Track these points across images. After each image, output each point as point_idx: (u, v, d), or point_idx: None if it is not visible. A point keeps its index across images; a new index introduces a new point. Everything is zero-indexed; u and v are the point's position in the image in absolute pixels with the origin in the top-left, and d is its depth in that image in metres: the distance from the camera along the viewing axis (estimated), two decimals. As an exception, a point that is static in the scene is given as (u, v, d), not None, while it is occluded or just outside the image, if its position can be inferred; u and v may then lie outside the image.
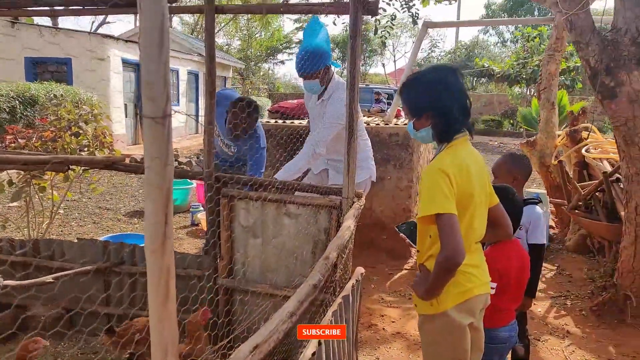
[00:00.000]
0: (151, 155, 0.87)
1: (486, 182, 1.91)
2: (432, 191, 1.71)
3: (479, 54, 30.32)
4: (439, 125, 1.83)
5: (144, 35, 0.86)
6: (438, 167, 1.75)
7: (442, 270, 1.66)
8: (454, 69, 1.89)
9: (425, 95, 1.85)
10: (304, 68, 3.28)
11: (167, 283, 0.90)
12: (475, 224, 1.82)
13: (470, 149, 1.88)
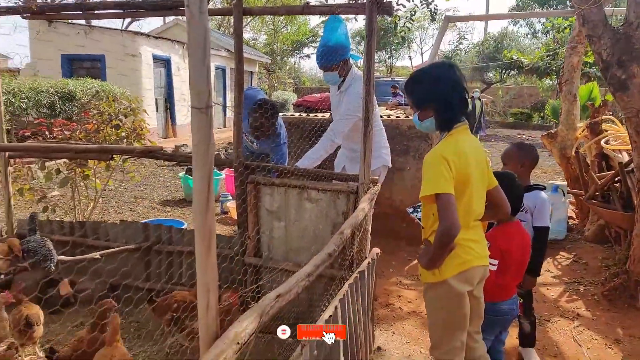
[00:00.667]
0: (198, 138, 1.13)
1: (484, 167, 2.12)
2: (433, 174, 1.95)
3: (508, 45, 29.87)
4: (439, 116, 2.07)
5: (191, 43, 1.11)
6: (439, 153, 1.98)
7: (441, 241, 1.89)
8: (453, 65, 2.13)
9: (427, 90, 2.10)
10: (324, 61, 3.56)
11: (209, 237, 1.16)
12: (473, 204, 2.04)
13: (469, 137, 2.11)
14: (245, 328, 1.27)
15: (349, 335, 2.42)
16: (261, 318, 1.35)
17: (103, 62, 13.70)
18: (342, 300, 2.29)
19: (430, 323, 2.24)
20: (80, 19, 3.49)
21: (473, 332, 2.25)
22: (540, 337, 3.35)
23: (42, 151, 3.18)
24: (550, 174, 10.03)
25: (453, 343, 2.13)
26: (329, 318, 2.07)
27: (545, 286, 4.31)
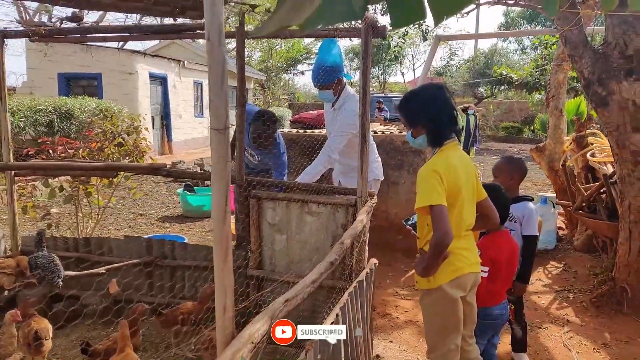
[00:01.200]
0: (217, 155, 1.27)
1: (474, 180, 2.28)
2: (426, 187, 2.10)
3: (498, 61, 30.36)
4: (431, 134, 2.24)
5: (212, 71, 1.26)
6: (431, 168, 2.15)
7: (435, 249, 2.04)
8: (442, 86, 2.32)
9: (419, 109, 2.28)
10: (319, 80, 3.74)
11: (227, 245, 1.30)
12: (464, 214, 2.19)
13: (458, 152, 2.27)
14: (258, 329, 1.39)
15: (350, 342, 2.54)
16: (272, 320, 1.48)
17: (100, 80, 13.85)
18: (342, 309, 2.42)
19: (426, 328, 2.37)
20: (88, 42, 3.63)
21: (467, 336, 2.38)
22: (532, 342, 3.48)
23: (50, 169, 3.31)
24: (540, 186, 10.23)
25: (448, 346, 2.26)
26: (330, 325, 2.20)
27: (536, 294, 4.45)
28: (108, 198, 4.70)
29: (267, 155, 4.12)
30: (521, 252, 2.96)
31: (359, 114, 2.99)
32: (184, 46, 19.18)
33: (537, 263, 5.17)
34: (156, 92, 15.38)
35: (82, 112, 10.55)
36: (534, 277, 4.80)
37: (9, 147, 3.69)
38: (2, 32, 3.59)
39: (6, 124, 3.64)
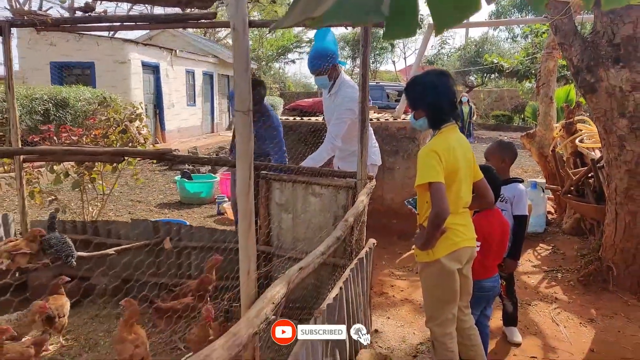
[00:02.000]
0: (241, 135, 1.41)
1: (471, 161, 2.44)
2: (426, 165, 2.27)
3: (489, 50, 30.52)
4: (431, 116, 2.40)
5: (236, 58, 1.39)
6: (431, 148, 2.31)
7: (433, 223, 2.20)
8: (445, 72, 2.46)
9: (421, 93, 2.44)
10: (315, 66, 3.88)
11: (250, 215, 1.44)
12: (461, 193, 2.36)
13: (457, 135, 2.43)
14: (278, 291, 1.54)
15: (352, 314, 2.71)
16: (289, 285, 1.63)
17: (93, 69, 13.83)
18: (345, 282, 2.59)
19: (425, 298, 2.55)
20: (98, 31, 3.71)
21: (463, 306, 2.56)
22: (522, 318, 3.67)
23: (60, 154, 3.42)
24: (530, 172, 10.45)
25: (445, 315, 2.44)
26: (335, 296, 2.36)
27: (526, 274, 4.65)
28: (111, 184, 4.81)
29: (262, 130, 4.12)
30: (512, 231, 3.14)
31: (359, 100, 3.12)
32: (176, 35, 19.13)
33: (527, 245, 5.37)
34: (149, 81, 15.38)
35: (77, 100, 10.58)
36: (523, 259, 5.00)
37: (17, 134, 3.79)
38: (9, 21, 3.68)
39: (15, 113, 3.74)
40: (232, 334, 1.26)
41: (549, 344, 3.37)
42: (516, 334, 3.40)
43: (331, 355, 2.34)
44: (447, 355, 2.48)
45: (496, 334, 3.49)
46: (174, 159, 3.52)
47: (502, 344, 3.37)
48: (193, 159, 3.60)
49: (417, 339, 3.41)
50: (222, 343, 1.21)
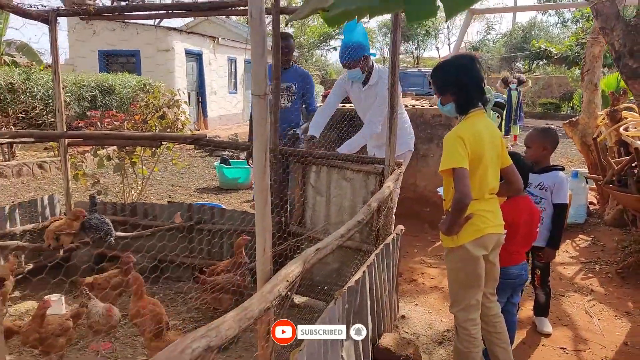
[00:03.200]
0: (258, 117, 1.46)
1: (498, 147, 2.41)
2: (450, 151, 2.27)
3: (537, 35, 29.46)
4: (458, 101, 2.39)
5: (254, 45, 1.44)
6: (456, 133, 2.31)
7: (455, 208, 2.21)
8: (473, 57, 2.44)
9: (448, 78, 2.44)
10: (346, 59, 3.88)
11: (266, 192, 1.49)
12: (487, 178, 2.34)
13: (484, 120, 2.41)
14: (292, 270, 1.59)
15: (376, 299, 2.74)
16: (304, 264, 1.67)
17: (138, 57, 14.25)
18: (369, 267, 2.62)
19: (449, 284, 2.55)
20: (130, 20, 3.85)
21: (489, 293, 2.55)
22: (554, 309, 3.61)
23: (100, 138, 3.58)
24: (575, 162, 10.11)
25: (469, 301, 2.44)
26: (357, 280, 2.40)
27: (562, 265, 4.54)
28: (151, 168, 4.99)
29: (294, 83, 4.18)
30: (552, 219, 3.09)
31: (389, 86, 3.12)
32: (218, 23, 19.40)
33: (566, 236, 5.24)
34: (192, 69, 15.71)
35: (122, 87, 10.97)
36: (561, 249, 4.88)
37: (63, 119, 3.99)
38: (55, 11, 3.86)
39: (61, 98, 3.94)
40: (243, 308, 1.32)
41: (581, 335, 3.30)
42: (546, 324, 3.34)
43: (352, 338, 2.39)
44: (470, 341, 2.47)
45: (526, 323, 3.45)
46: (207, 144, 3.62)
47: (532, 334, 3.33)
48: (224, 143, 3.69)
49: (444, 326, 3.41)
50: (234, 315, 1.27)
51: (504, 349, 2.61)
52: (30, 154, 9.56)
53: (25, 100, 8.57)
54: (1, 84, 8.18)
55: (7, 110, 8.41)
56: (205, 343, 1.16)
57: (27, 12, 3.49)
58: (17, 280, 3.59)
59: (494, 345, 2.62)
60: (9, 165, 8.32)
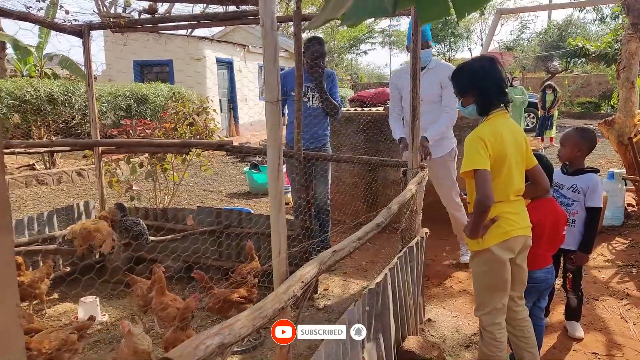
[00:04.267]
0: (271, 122, 1.50)
1: (523, 148, 2.39)
2: (471, 153, 2.26)
3: (573, 33, 28.66)
4: (478, 102, 2.38)
5: (266, 53, 1.48)
6: (476, 135, 2.30)
7: (477, 210, 2.21)
8: (492, 58, 2.42)
9: (468, 79, 2.44)
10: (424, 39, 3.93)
11: (280, 196, 1.53)
12: (512, 179, 2.33)
13: (507, 121, 2.39)
14: (308, 272, 1.63)
15: (399, 302, 2.74)
16: (320, 266, 1.70)
17: (171, 66, 14.61)
18: (391, 270, 2.62)
19: (475, 287, 2.53)
20: (161, 31, 3.99)
21: (516, 297, 2.52)
22: (587, 313, 3.52)
23: (132, 145, 3.71)
24: (615, 163, 9.80)
25: (494, 304, 2.41)
26: (378, 282, 2.41)
27: (597, 268, 4.41)
28: (182, 175, 5.13)
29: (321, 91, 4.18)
30: (585, 223, 3.01)
31: (410, 89, 3.13)
32: (249, 31, 19.70)
33: (602, 239, 5.09)
34: (223, 77, 15.99)
35: (156, 96, 11.27)
36: (596, 252, 4.75)
37: (96, 128, 4.15)
38: (88, 24, 4.02)
39: (94, 108, 4.09)
40: (257, 308, 1.36)
41: (615, 340, 3.21)
42: (578, 329, 3.26)
43: (374, 339, 2.40)
44: (495, 345, 2.45)
45: (557, 327, 3.37)
46: (233, 149, 3.70)
47: (563, 339, 3.25)
48: (250, 149, 3.75)
49: (471, 329, 3.37)
50: (247, 314, 1.31)
51: (532, 354, 2.57)
52: (69, 162, 9.93)
53: (65, 111, 8.90)
54: (42, 96, 8.53)
55: (48, 121, 8.76)
56: (219, 340, 1.20)
57: (61, 27, 3.66)
58: (55, 282, 3.75)
59: (521, 349, 2.58)
60: (50, 173, 8.67)
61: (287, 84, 3.98)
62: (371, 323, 2.33)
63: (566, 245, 3.04)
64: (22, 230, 3.90)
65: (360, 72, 36.34)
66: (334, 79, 4.32)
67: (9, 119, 8.29)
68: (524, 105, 12.42)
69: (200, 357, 1.11)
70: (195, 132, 4.86)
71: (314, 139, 4.21)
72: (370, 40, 34.22)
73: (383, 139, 5.26)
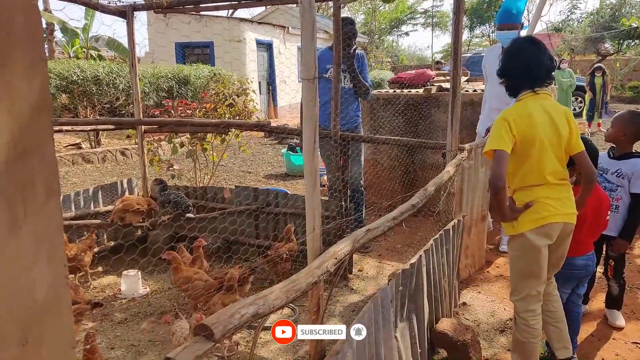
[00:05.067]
0: (306, 100, 1.51)
1: (561, 130, 2.29)
2: (494, 133, 2.27)
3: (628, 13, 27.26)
4: (507, 84, 2.40)
5: (303, 32, 1.49)
6: (502, 116, 2.30)
7: (490, 189, 2.21)
8: (533, 40, 2.39)
9: (505, 62, 2.42)
10: (512, 19, 3.98)
11: (315, 173, 1.55)
12: (546, 162, 2.25)
13: (540, 102, 2.30)
14: (342, 249, 1.65)
15: (433, 284, 2.74)
16: (354, 244, 1.72)
17: (212, 48, 14.76)
18: (427, 252, 2.62)
19: (510, 272, 2.50)
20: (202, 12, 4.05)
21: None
22: (629, 302, 3.42)
23: (173, 124, 3.81)
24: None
25: (528, 291, 2.37)
26: (412, 263, 2.42)
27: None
28: (220, 155, 5.23)
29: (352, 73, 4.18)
30: (628, 209, 2.92)
31: (451, 69, 3.07)
32: (289, 12, 19.64)
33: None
34: (262, 59, 16.05)
35: (197, 78, 11.45)
36: (641, 241, 4.58)
37: (139, 107, 4.27)
38: (132, 5, 4.11)
39: (137, 88, 4.21)
40: (292, 280, 1.40)
41: (657, 331, 3.12)
42: (619, 318, 3.18)
43: (407, 319, 2.42)
44: (528, 331, 2.41)
45: (597, 316, 3.30)
46: (271, 130, 3.74)
47: (602, 327, 3.18)
48: (288, 130, 3.79)
49: (507, 314, 3.33)
50: (281, 286, 1.35)
51: (558, 328, 2.54)
52: (114, 141, 10.26)
53: (110, 92, 9.17)
54: (88, 77, 8.81)
55: (94, 101, 9.05)
56: (254, 310, 1.24)
57: (105, 7, 3.76)
58: (100, 256, 3.92)
59: (546, 324, 2.55)
60: (95, 152, 8.99)
61: (319, 65, 3.97)
62: (404, 303, 2.34)
63: (609, 231, 2.96)
64: (68, 205, 4.08)
65: (402, 54, 35.78)
66: (364, 61, 4.30)
67: (57, 99, 8.62)
68: (571, 88, 11.94)
69: (235, 325, 1.15)
70: (234, 113, 4.93)
71: (346, 120, 4.20)
72: (412, 22, 33.59)
73: (422, 121, 5.20)
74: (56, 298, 0.67)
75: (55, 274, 0.69)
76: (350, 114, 4.22)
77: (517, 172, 2.32)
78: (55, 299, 0.67)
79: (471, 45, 32.15)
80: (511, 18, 3.98)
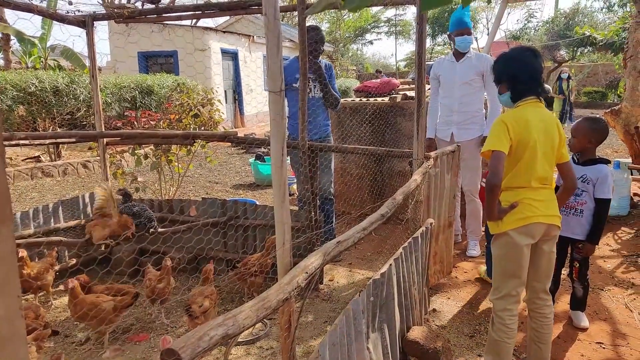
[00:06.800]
0: (274, 113, 1.49)
1: (554, 140, 2.41)
2: (492, 135, 2.36)
3: (580, 21, 28.33)
4: (510, 89, 2.47)
5: (269, 43, 1.47)
6: (500, 118, 2.40)
7: (487, 188, 2.28)
8: (531, 49, 2.50)
9: (502, 68, 2.51)
10: (466, 24, 4.19)
11: (284, 187, 1.53)
12: (536, 166, 2.36)
13: (537, 110, 2.41)
14: (312, 262, 1.62)
15: (404, 292, 2.74)
16: (324, 257, 1.70)
17: (176, 57, 14.58)
18: (396, 260, 2.62)
19: (493, 270, 2.56)
20: (165, 22, 3.98)
21: (541, 290, 2.54)
22: (592, 303, 3.51)
23: (136, 137, 3.71)
24: (622, 152, 9.75)
25: (508, 290, 2.44)
26: (383, 272, 2.41)
27: (602, 258, 4.40)
28: (186, 166, 5.13)
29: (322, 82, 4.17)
30: (593, 214, 3.01)
31: (415, 78, 3.11)
32: (253, 21, 19.61)
33: (608, 229, 5.07)
34: (228, 67, 15.95)
35: (161, 87, 11.27)
36: (602, 242, 4.72)
37: (101, 119, 4.15)
38: (91, 15, 4.01)
39: (98, 100, 4.10)
40: (261, 298, 1.36)
41: (619, 330, 3.20)
42: (583, 319, 3.26)
43: (379, 329, 2.41)
44: (504, 331, 2.46)
45: (562, 317, 3.37)
46: (238, 140, 3.69)
47: (567, 328, 3.25)
48: (254, 140, 3.75)
49: (476, 319, 3.37)
50: (251, 305, 1.31)
51: (539, 349, 2.59)
52: (75, 154, 9.96)
53: (69, 103, 8.92)
54: (46, 88, 8.54)
55: (53, 113, 8.78)
56: (223, 331, 1.20)
57: (64, 17, 3.65)
58: (60, 274, 3.77)
59: (531, 340, 2.61)
60: (55, 165, 8.71)
61: (286, 76, 3.95)
62: (376, 313, 2.33)
63: (574, 235, 3.05)
64: (27, 223, 3.92)
65: (366, 62, 36.16)
66: (331, 72, 4.32)
67: (14, 110, 8.32)
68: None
69: (204, 348, 1.11)
70: (200, 124, 4.86)
71: (316, 129, 4.19)
72: (375, 30, 34.01)
73: (389, 129, 5.24)
74: (10, 331, 0.63)
75: (8, 305, 0.65)
76: (320, 123, 4.22)
77: (507, 173, 2.41)
78: (10, 332, 0.63)
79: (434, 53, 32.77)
80: (467, 24, 4.20)
